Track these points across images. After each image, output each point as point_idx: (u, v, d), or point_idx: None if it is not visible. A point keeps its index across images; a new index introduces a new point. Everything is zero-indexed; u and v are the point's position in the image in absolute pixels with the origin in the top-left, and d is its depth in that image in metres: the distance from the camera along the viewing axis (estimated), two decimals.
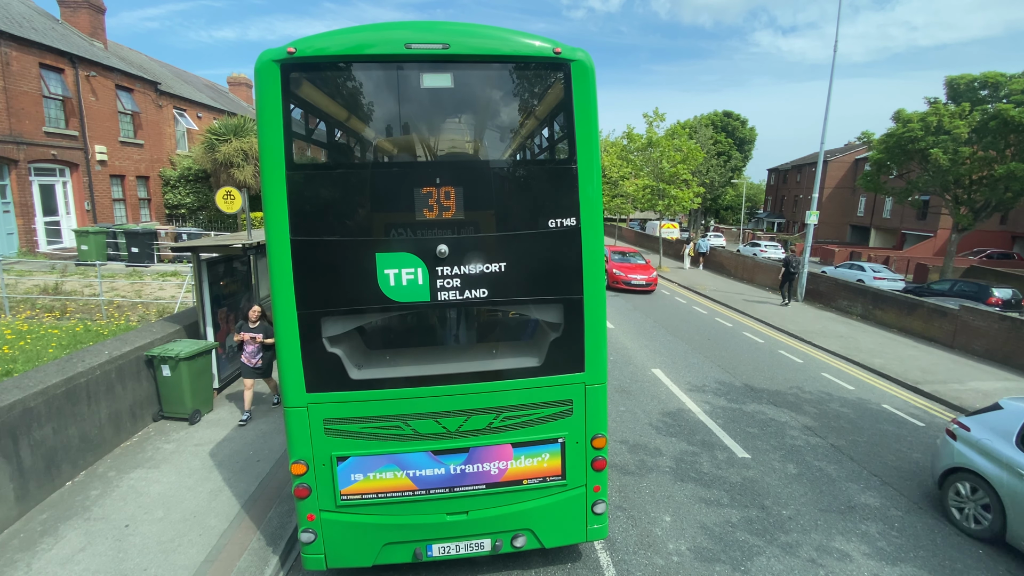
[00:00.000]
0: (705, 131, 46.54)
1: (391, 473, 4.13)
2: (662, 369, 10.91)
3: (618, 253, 22.75)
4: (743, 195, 56.21)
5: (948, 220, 28.37)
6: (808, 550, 5.33)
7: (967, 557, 5.36)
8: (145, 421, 7.21)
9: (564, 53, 3.77)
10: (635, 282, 20.11)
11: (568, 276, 4.05)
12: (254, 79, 3.64)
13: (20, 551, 4.71)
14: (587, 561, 5.00)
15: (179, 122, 26.22)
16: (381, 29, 3.71)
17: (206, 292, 8.04)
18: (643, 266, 21.32)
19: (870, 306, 17.07)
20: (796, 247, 25.08)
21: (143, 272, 15.54)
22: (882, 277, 22.79)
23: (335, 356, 3.92)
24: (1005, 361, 12.59)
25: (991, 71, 21.80)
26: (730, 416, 8.64)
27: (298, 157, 3.79)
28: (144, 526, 5.12)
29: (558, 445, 4.31)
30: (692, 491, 6.33)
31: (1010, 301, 17.42)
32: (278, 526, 5.17)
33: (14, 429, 5.15)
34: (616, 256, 22.12)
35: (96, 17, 22.58)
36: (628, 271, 20.45)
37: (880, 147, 24.10)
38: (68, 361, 6.26)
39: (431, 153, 4.28)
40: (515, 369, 4.18)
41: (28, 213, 17.38)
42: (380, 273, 3.79)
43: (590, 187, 3.94)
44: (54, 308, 12.27)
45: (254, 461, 6.39)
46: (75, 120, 19.06)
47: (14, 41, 16.50)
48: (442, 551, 4.39)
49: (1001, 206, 22.18)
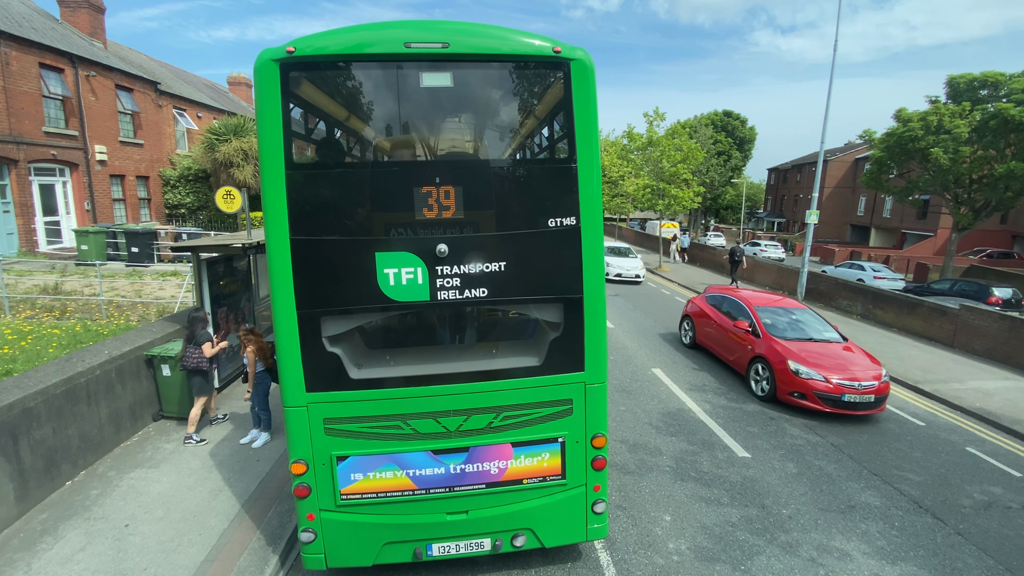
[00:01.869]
0: (705, 130, 46.53)
1: (391, 473, 4.13)
2: (662, 368, 10.90)
3: (773, 311, 10.43)
4: (743, 195, 56.21)
5: (948, 219, 28.38)
6: (808, 549, 5.33)
7: (967, 556, 5.36)
8: (145, 421, 7.21)
9: (564, 52, 3.76)
10: (855, 399, 8.49)
11: (568, 275, 4.04)
12: (254, 78, 3.64)
13: (20, 551, 4.71)
14: (587, 561, 5.00)
15: (179, 122, 26.21)
16: (380, 28, 3.71)
17: (206, 292, 8.03)
18: (856, 356, 9.35)
19: (870, 305, 17.07)
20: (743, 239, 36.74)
21: (143, 272, 15.54)
22: (882, 276, 22.79)
23: (335, 356, 3.92)
24: (1005, 360, 12.59)
25: (991, 70, 21.80)
26: (730, 415, 8.64)
27: (298, 156, 3.79)
28: (144, 526, 5.12)
29: (558, 445, 4.30)
30: (692, 490, 6.33)
31: (1010, 300, 17.43)
32: (278, 526, 5.17)
33: (14, 429, 5.15)
34: (782, 324, 10.02)
35: (96, 17, 22.57)
36: (833, 367, 8.78)
37: (881, 146, 24.10)
38: (68, 361, 6.26)
39: (431, 152, 4.27)
40: (515, 368, 4.18)
41: (28, 213, 17.37)
42: (380, 273, 3.78)
43: (590, 186, 3.94)
44: (54, 308, 12.27)
45: (254, 461, 6.39)
46: (75, 120, 19.05)
47: (14, 41, 16.49)
48: (442, 551, 4.39)
49: (1001, 205, 22.16)
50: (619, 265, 21.84)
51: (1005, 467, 7.44)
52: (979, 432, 8.70)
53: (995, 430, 8.84)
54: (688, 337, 12.52)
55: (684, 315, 12.90)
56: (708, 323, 11.67)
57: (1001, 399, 10.04)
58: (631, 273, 21.81)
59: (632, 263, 22.28)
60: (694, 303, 12.60)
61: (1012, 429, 8.71)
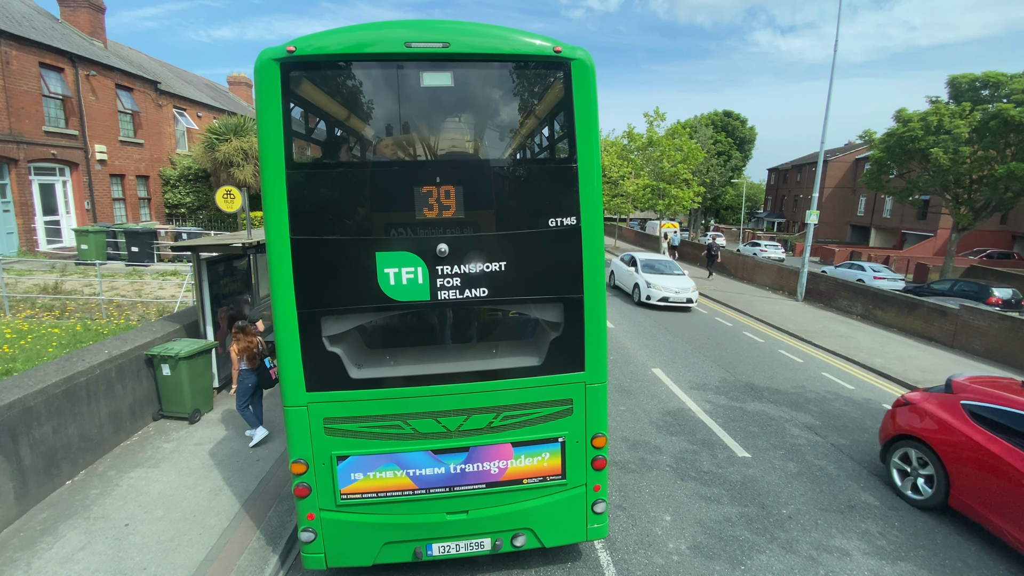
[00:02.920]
0: (705, 131, 46.55)
1: (391, 472, 4.13)
2: (662, 368, 10.90)
3: None
4: (743, 195, 56.22)
5: (948, 220, 28.38)
6: (808, 548, 5.33)
7: (967, 556, 5.35)
8: (145, 420, 7.21)
9: (564, 52, 3.76)
10: None
11: (568, 275, 4.04)
12: (254, 78, 3.64)
13: (20, 550, 4.71)
14: (587, 560, 5.00)
15: (179, 121, 26.21)
16: (381, 28, 3.71)
17: (206, 291, 8.04)
18: None
19: (870, 306, 17.07)
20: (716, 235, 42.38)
21: (143, 271, 15.54)
22: (882, 277, 22.80)
23: (335, 355, 3.91)
24: (1005, 361, 12.59)
25: (992, 71, 21.81)
26: (730, 415, 8.64)
27: (298, 156, 3.79)
28: (144, 525, 5.11)
29: (558, 444, 4.30)
30: (692, 490, 6.33)
31: (1010, 301, 17.43)
32: (278, 525, 5.17)
33: (14, 428, 5.14)
34: None
35: (96, 16, 22.57)
36: None
37: (881, 146, 24.11)
38: (68, 360, 6.26)
39: (431, 152, 4.27)
40: (515, 368, 4.18)
41: (28, 212, 17.37)
42: (380, 272, 3.78)
43: (590, 186, 3.94)
44: (54, 307, 12.27)
45: (254, 460, 6.39)
46: (75, 119, 19.05)
47: (14, 40, 16.49)
48: (442, 550, 4.39)
49: (1001, 206, 22.17)
50: (664, 286, 16.77)
51: None
52: None
53: None
54: (932, 489, 6.08)
55: (902, 433, 6.47)
56: (991, 468, 5.45)
57: None
58: (681, 296, 16.69)
59: (681, 283, 17.06)
60: (931, 414, 6.20)
61: None
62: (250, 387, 6.62)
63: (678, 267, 18.77)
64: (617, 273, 19.79)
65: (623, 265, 19.42)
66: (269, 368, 6.57)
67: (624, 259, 19.80)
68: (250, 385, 6.62)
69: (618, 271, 19.77)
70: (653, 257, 19.19)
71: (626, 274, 18.80)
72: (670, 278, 17.37)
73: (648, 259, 18.75)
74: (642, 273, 17.65)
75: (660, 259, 18.99)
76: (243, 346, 6.49)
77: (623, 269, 19.27)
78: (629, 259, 19.29)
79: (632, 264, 18.68)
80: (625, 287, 18.90)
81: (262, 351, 6.64)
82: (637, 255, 19.12)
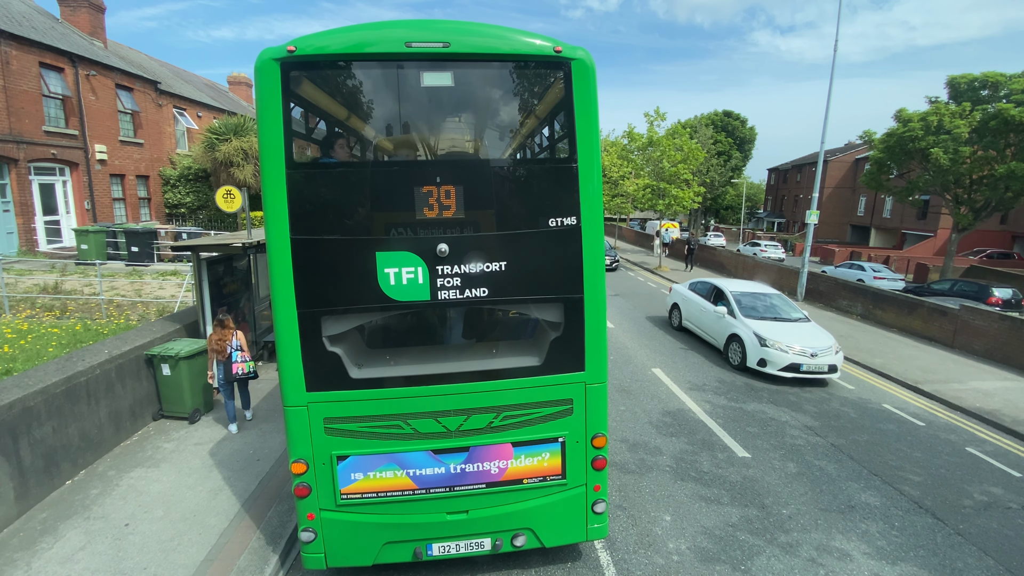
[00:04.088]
0: (705, 131, 46.51)
1: (391, 472, 4.13)
2: (662, 368, 10.90)
3: None
4: (743, 195, 56.20)
5: (948, 220, 28.37)
6: (808, 549, 5.33)
7: (967, 556, 5.36)
8: (145, 420, 7.21)
9: (565, 52, 3.76)
10: None
11: (568, 275, 4.04)
12: (254, 78, 3.64)
13: (20, 550, 4.71)
14: (587, 560, 5.00)
15: (179, 121, 26.20)
16: (381, 28, 3.71)
17: (206, 291, 8.04)
18: None
19: (870, 306, 17.07)
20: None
21: (143, 271, 15.53)
22: (882, 277, 22.79)
23: (335, 355, 3.91)
24: (1005, 361, 12.59)
25: (992, 71, 21.81)
26: (730, 415, 8.64)
27: (298, 156, 3.79)
28: (144, 525, 5.11)
29: (558, 444, 4.30)
30: (692, 490, 6.33)
31: (1010, 301, 17.42)
32: (278, 525, 5.16)
33: (14, 428, 5.14)
34: None
35: (96, 16, 22.56)
36: None
37: (881, 146, 24.11)
38: (68, 360, 6.26)
39: (431, 152, 4.27)
40: (515, 368, 4.18)
41: (28, 212, 17.36)
42: (380, 272, 3.78)
43: (590, 186, 3.94)
44: (54, 307, 12.26)
45: (254, 460, 6.39)
46: (75, 119, 19.04)
47: (14, 40, 16.48)
48: (442, 550, 4.39)
49: (1001, 206, 22.17)
50: (790, 344, 10.32)
51: (1005, 467, 7.44)
52: (979, 432, 8.70)
53: (995, 430, 8.84)
54: None
55: None
56: None
57: (1001, 399, 10.04)
58: (821, 363, 10.26)
59: (814, 337, 10.75)
60: None
61: (1012, 430, 8.70)
62: (222, 379, 6.95)
63: (791, 303, 12.17)
64: (687, 309, 13.64)
65: (700, 300, 13.04)
66: (233, 363, 6.89)
67: (700, 289, 13.41)
68: (221, 378, 6.94)
69: (689, 307, 13.46)
70: (750, 288, 12.47)
71: (709, 316, 12.38)
72: (793, 328, 10.92)
73: (743, 291, 12.08)
74: (744, 319, 11.11)
75: (761, 291, 12.34)
76: (216, 338, 6.84)
77: (700, 306, 12.89)
78: (710, 291, 12.85)
79: (718, 300, 12.26)
80: (708, 335, 12.50)
81: (239, 346, 6.96)
82: (724, 285, 12.52)
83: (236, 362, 6.89)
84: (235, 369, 6.88)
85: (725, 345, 11.60)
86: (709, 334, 12.50)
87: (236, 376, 6.93)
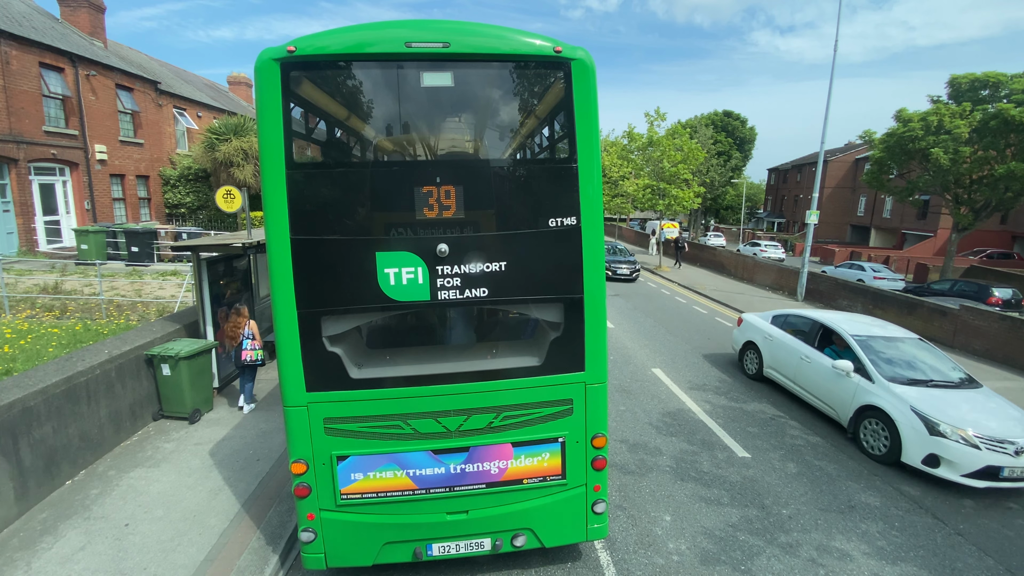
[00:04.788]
0: (705, 131, 46.55)
1: (391, 472, 4.13)
2: (662, 368, 10.90)
3: None
4: (743, 195, 56.24)
5: (948, 220, 28.37)
6: (808, 549, 5.32)
7: (967, 556, 5.35)
8: (145, 420, 7.21)
9: (565, 52, 3.76)
10: None
11: (568, 275, 4.04)
12: (254, 78, 3.64)
13: (20, 550, 4.71)
14: (587, 560, 5.00)
15: (179, 121, 26.20)
16: (381, 28, 3.71)
17: (206, 291, 8.03)
18: None
19: (870, 306, 17.07)
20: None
21: (143, 271, 15.54)
22: (882, 277, 22.80)
23: (335, 355, 3.91)
24: (1005, 361, 12.59)
25: (992, 71, 21.82)
26: (730, 415, 8.64)
27: (298, 156, 3.79)
28: (144, 525, 5.11)
29: (558, 444, 4.30)
30: (692, 490, 6.33)
31: (1010, 301, 17.43)
32: (278, 525, 5.16)
33: (14, 428, 5.14)
34: None
35: (96, 16, 22.57)
36: None
37: (881, 146, 24.12)
38: (68, 360, 6.26)
39: (431, 152, 4.27)
40: (515, 368, 4.18)
41: (28, 212, 17.37)
42: (380, 272, 3.78)
43: (590, 186, 3.94)
44: (54, 307, 12.26)
45: (254, 460, 6.39)
46: (75, 119, 19.04)
47: (14, 40, 16.48)
48: (442, 550, 4.39)
49: (1001, 206, 22.17)
50: (981, 428, 6.53)
51: None
52: None
53: None
54: None
55: None
56: None
57: None
58: None
59: (1011, 419, 6.81)
60: None
61: None
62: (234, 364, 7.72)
63: (940, 353, 8.33)
64: (772, 353, 9.74)
65: (795, 343, 9.23)
66: (243, 350, 7.54)
67: (794, 326, 9.61)
68: (233, 362, 7.70)
69: (777, 351, 9.61)
70: (873, 328, 8.72)
71: (817, 371, 8.52)
72: (963, 399, 7.24)
73: (870, 335, 8.38)
74: (888, 383, 7.38)
75: (890, 333, 8.57)
76: (231, 325, 7.61)
77: (797, 352, 9.05)
78: (813, 329, 9.10)
79: (826, 343, 8.83)
80: (814, 396, 8.61)
81: (250, 334, 7.57)
82: (837, 323, 8.81)
83: (246, 349, 7.50)
84: (244, 356, 7.50)
85: (853, 421, 7.63)
86: (817, 396, 8.42)
87: (244, 362, 7.53)
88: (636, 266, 23.30)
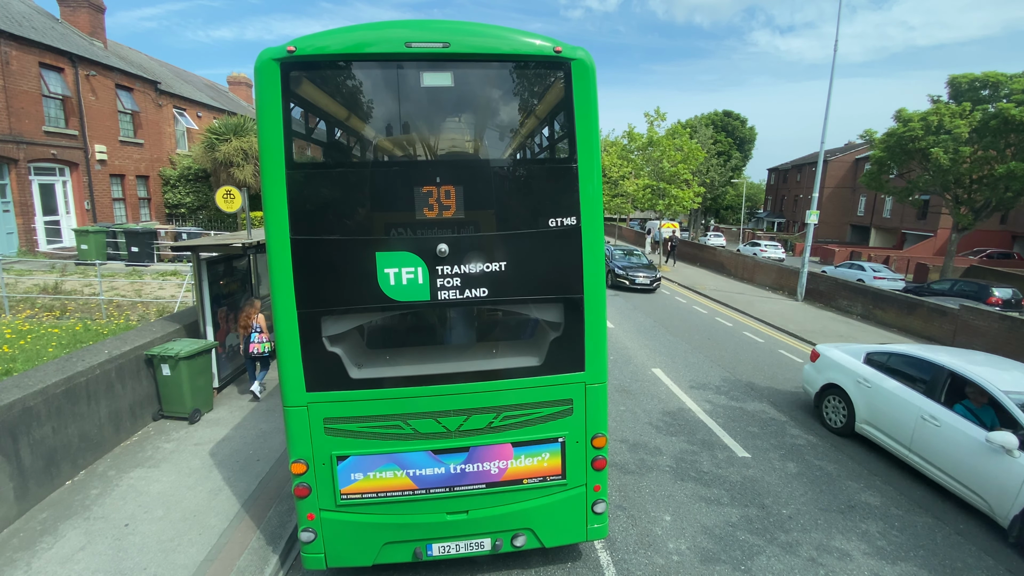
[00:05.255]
0: (705, 131, 46.54)
1: (391, 472, 4.13)
2: (662, 368, 10.90)
3: None
4: (743, 195, 56.22)
5: (948, 220, 28.38)
6: (808, 549, 5.32)
7: (967, 556, 5.35)
8: (145, 420, 7.21)
9: (565, 52, 3.76)
10: None
11: (568, 275, 4.04)
12: (254, 78, 3.64)
13: (20, 550, 4.71)
14: (587, 560, 5.00)
15: (179, 121, 26.20)
16: (381, 28, 3.71)
17: (206, 291, 8.04)
18: None
19: (870, 306, 17.07)
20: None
21: (143, 271, 15.54)
22: (882, 277, 22.79)
23: (335, 355, 3.91)
24: None
25: (992, 71, 21.81)
26: (730, 415, 8.64)
27: (298, 156, 3.79)
28: (144, 525, 5.11)
29: (558, 444, 4.30)
30: (692, 490, 6.33)
31: (1010, 301, 17.42)
32: (278, 525, 5.16)
33: (14, 428, 5.14)
34: None
35: (96, 16, 22.56)
36: None
37: (881, 146, 24.11)
38: (68, 360, 6.26)
39: (431, 152, 4.27)
40: (515, 368, 4.18)
41: (28, 212, 17.37)
42: (380, 272, 3.78)
43: (590, 186, 3.94)
44: (54, 307, 12.26)
45: (254, 460, 6.39)
46: (75, 119, 19.04)
47: (14, 40, 16.48)
48: (442, 550, 4.39)
49: (1001, 206, 22.17)
50: None
51: None
52: None
53: None
54: None
55: None
56: None
57: None
58: None
59: None
60: None
61: None
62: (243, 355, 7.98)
63: None
64: (872, 403, 7.42)
65: (909, 393, 6.86)
66: (251, 342, 7.88)
67: (901, 369, 7.26)
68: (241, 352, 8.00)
69: (880, 402, 7.26)
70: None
71: (958, 443, 6.00)
72: None
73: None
74: None
75: None
76: (243, 315, 7.87)
77: (915, 408, 6.64)
78: (939, 379, 6.56)
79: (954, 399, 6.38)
80: (947, 475, 6.18)
81: (259, 328, 7.89)
82: (984, 375, 6.11)
83: (254, 342, 7.86)
84: (252, 348, 7.87)
85: (1016, 524, 5.36)
86: (955, 477, 6.08)
87: (252, 354, 7.89)
88: (656, 274, 20.67)
